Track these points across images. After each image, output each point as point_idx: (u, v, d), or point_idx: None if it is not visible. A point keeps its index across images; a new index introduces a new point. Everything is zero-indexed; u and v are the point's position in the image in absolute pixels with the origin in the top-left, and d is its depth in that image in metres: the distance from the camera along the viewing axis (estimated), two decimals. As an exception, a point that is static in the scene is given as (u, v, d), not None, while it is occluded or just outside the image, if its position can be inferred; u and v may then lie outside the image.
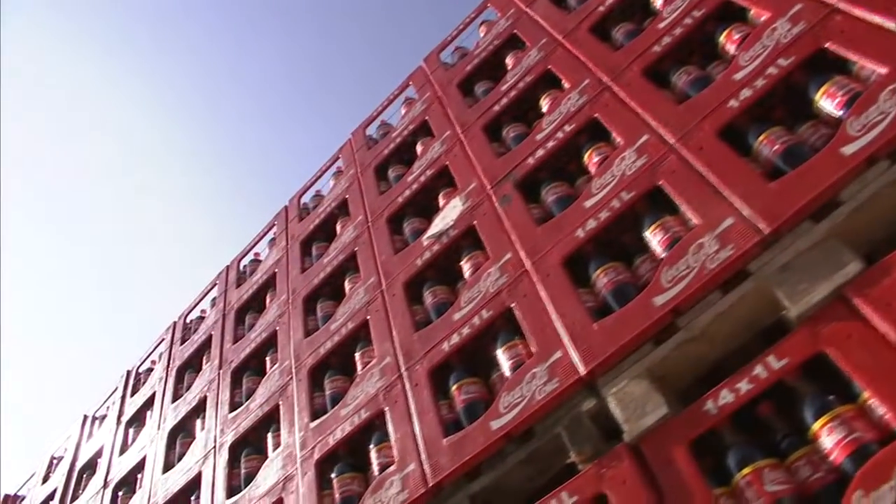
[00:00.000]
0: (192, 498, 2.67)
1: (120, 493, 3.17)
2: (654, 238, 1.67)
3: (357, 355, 2.28)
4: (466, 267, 2.11)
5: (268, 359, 2.74)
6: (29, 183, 9.05)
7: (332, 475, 2.05)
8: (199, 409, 2.98)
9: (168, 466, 2.94)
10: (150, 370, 3.78)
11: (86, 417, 4.03)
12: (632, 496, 1.36)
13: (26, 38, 8.27)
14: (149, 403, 3.40)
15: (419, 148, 2.72)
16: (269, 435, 2.46)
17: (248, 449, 2.55)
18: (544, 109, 2.27)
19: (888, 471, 1.08)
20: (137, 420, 3.46)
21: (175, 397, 3.22)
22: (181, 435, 3.02)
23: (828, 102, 1.54)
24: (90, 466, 3.60)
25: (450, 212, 2.27)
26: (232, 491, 2.45)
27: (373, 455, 1.97)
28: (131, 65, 8.96)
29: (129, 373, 3.90)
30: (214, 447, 2.68)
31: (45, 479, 3.90)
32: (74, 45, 8.88)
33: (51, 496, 3.65)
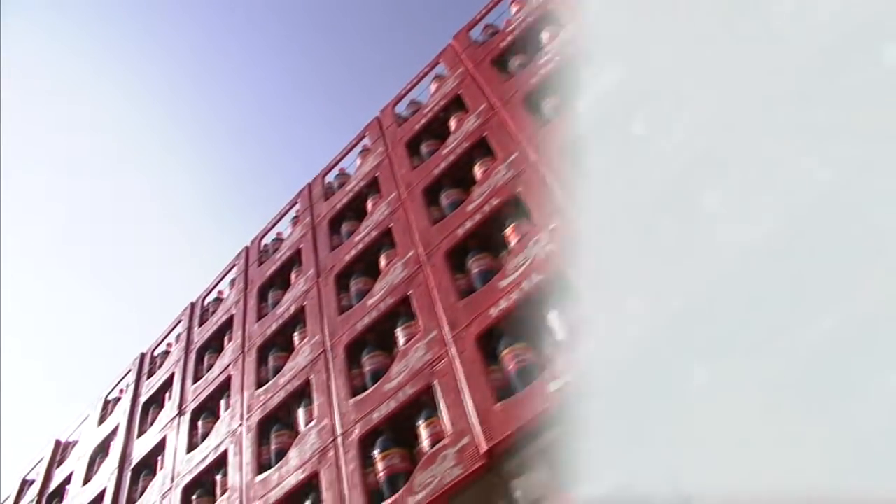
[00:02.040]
0: (302, 405, 2.46)
1: (199, 420, 2.94)
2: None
3: (508, 230, 2.11)
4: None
5: (383, 256, 2.55)
6: (30, 178, 8.66)
7: (501, 349, 1.88)
8: (295, 320, 2.77)
9: (260, 383, 2.73)
10: (217, 300, 3.56)
11: (143, 355, 3.78)
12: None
13: (26, 38, 7.95)
14: (227, 325, 3.18)
15: (545, 36, 2.57)
16: (399, 329, 2.26)
17: (369, 347, 2.35)
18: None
19: None
20: (211, 346, 3.24)
21: (259, 315, 3.01)
22: (273, 350, 2.81)
23: None
24: (156, 400, 3.35)
25: (607, 77, 2.13)
26: (354, 391, 2.26)
27: (553, 320, 1.80)
28: (130, 63, 8.62)
29: (192, 305, 3.66)
30: (324, 350, 2.48)
31: (102, 421, 3.63)
32: (74, 43, 8.54)
33: (112, 434, 3.39)
